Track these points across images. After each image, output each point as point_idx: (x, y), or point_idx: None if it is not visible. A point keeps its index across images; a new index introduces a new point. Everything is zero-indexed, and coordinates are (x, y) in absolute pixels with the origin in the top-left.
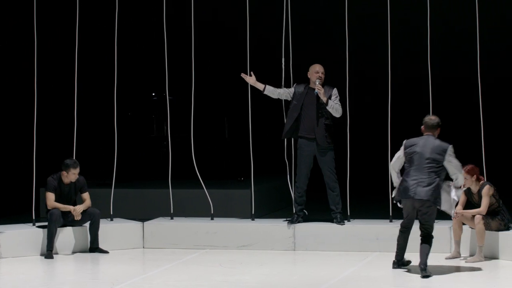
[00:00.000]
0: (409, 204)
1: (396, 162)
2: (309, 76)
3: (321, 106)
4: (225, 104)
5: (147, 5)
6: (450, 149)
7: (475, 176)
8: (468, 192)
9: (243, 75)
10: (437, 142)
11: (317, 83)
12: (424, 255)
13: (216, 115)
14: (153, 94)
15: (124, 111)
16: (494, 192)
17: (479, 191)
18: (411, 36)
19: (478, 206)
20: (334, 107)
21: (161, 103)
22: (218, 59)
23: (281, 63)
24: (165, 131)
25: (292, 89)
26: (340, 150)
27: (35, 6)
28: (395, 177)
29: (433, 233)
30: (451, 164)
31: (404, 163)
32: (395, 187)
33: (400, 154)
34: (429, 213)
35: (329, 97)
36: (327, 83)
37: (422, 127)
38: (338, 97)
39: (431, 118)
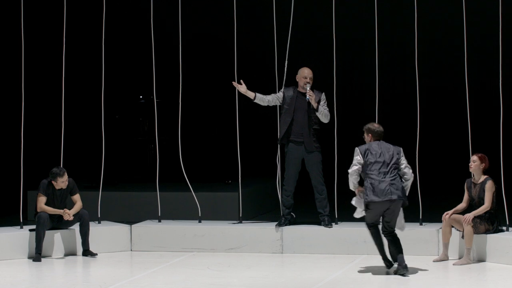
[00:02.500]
0: (381, 205)
1: (357, 169)
2: (297, 80)
3: (310, 111)
4: (213, 107)
5: (135, 8)
6: (401, 150)
7: (484, 164)
8: (469, 184)
9: (234, 83)
10: (391, 145)
11: (307, 89)
12: (401, 254)
13: (204, 118)
14: (141, 97)
15: (111, 113)
16: (494, 192)
17: (483, 184)
18: (399, 41)
19: (477, 200)
20: (323, 113)
21: (149, 105)
22: (206, 62)
23: (284, 65)
24: (148, 133)
25: (280, 94)
26: (327, 153)
27: (22, 9)
28: (355, 183)
29: (421, 236)
30: (403, 164)
31: (364, 168)
32: (354, 192)
33: (360, 161)
34: (395, 211)
35: (318, 102)
36: (316, 87)
37: (370, 135)
38: (326, 102)
39: (377, 126)
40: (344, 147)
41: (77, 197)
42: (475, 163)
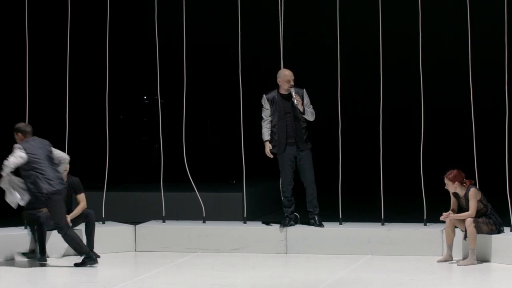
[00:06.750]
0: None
1: (17, 163)
2: (278, 83)
3: (296, 112)
4: (214, 105)
5: (140, 8)
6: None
7: (457, 182)
8: (456, 195)
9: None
10: (43, 140)
11: (293, 94)
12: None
13: (207, 117)
14: (144, 97)
15: (115, 114)
16: (481, 197)
17: (466, 195)
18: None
19: (466, 209)
20: (309, 113)
21: (153, 106)
22: (208, 64)
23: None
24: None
25: (267, 107)
26: (332, 153)
27: (27, 8)
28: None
29: (425, 236)
30: (56, 151)
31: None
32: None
33: (23, 156)
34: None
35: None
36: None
37: (20, 134)
38: (308, 98)
39: (27, 125)
40: (349, 146)
41: (81, 197)
42: (448, 186)
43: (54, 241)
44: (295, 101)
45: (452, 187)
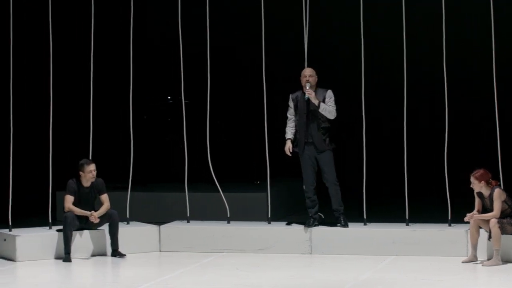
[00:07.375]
0: None
1: None
2: (301, 81)
3: (316, 110)
4: (232, 106)
5: (162, 9)
6: None
7: (483, 182)
8: (480, 195)
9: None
10: None
11: (307, 87)
12: None
13: (221, 119)
14: (169, 97)
15: (139, 114)
16: (506, 198)
17: (490, 195)
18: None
19: (490, 210)
20: (327, 110)
21: (177, 106)
22: (229, 63)
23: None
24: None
25: (291, 106)
26: (356, 153)
27: (50, 8)
28: None
29: (449, 237)
30: None
31: None
32: None
33: None
34: None
35: (323, 100)
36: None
37: None
38: (333, 99)
39: None
40: (373, 146)
41: (105, 197)
42: (474, 184)
43: (80, 241)
44: (307, 93)
45: (478, 186)
